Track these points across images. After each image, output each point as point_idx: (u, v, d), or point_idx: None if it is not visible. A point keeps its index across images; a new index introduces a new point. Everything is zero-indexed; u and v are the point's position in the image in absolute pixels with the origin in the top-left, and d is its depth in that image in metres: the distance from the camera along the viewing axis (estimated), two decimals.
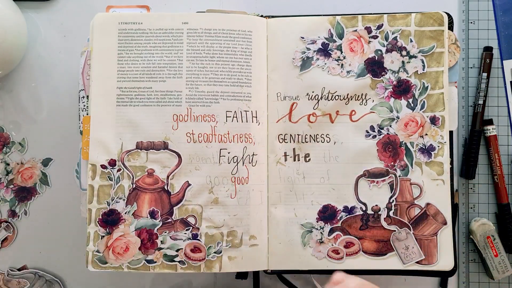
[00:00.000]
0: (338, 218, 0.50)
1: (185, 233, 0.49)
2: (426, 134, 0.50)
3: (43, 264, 0.50)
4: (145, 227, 0.49)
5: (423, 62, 0.50)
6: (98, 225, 0.49)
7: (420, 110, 0.50)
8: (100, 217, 0.49)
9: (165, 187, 0.49)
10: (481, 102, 0.54)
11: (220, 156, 0.50)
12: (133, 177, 0.49)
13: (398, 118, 0.50)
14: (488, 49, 0.55)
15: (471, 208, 0.55)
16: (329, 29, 0.51)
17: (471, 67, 0.56)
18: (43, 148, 0.55)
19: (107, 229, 0.49)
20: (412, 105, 0.50)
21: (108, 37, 0.50)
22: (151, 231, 0.49)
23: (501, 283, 0.54)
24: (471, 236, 0.54)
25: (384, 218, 0.49)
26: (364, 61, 0.51)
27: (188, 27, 0.50)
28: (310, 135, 0.51)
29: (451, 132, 0.51)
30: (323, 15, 0.52)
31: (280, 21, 0.52)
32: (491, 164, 0.55)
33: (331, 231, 0.50)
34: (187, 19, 0.51)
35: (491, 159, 0.55)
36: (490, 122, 0.55)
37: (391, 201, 0.50)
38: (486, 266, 0.53)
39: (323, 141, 0.51)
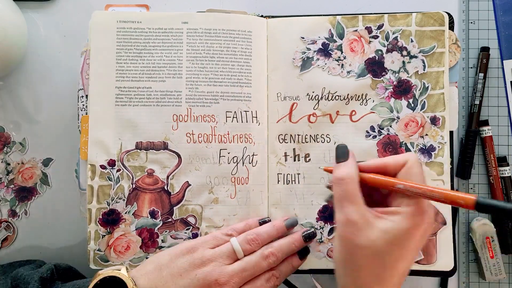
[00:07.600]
0: None
1: (186, 233, 0.49)
2: (427, 135, 0.50)
3: None
4: (146, 227, 0.49)
5: (423, 62, 0.50)
6: (98, 224, 0.49)
7: (421, 110, 0.50)
8: (100, 216, 0.49)
9: (165, 187, 0.49)
10: (477, 102, 0.54)
11: (220, 157, 0.50)
12: (132, 177, 0.49)
13: (399, 119, 0.50)
14: (484, 49, 0.55)
15: None
16: (330, 29, 0.51)
17: (471, 67, 0.55)
18: (44, 148, 0.55)
19: (108, 229, 0.49)
20: (412, 105, 0.50)
21: (106, 36, 0.50)
22: (152, 230, 0.49)
23: (501, 283, 0.54)
24: (470, 234, 0.54)
25: None
26: (365, 61, 0.51)
27: (188, 27, 0.50)
28: (310, 135, 0.51)
29: (451, 133, 0.51)
30: (324, 15, 0.51)
31: (280, 21, 0.51)
32: (487, 165, 0.55)
33: (331, 231, 0.50)
34: (187, 18, 0.50)
35: (487, 160, 0.54)
36: (485, 123, 0.54)
37: None
38: (480, 266, 0.53)
39: (323, 141, 0.51)
